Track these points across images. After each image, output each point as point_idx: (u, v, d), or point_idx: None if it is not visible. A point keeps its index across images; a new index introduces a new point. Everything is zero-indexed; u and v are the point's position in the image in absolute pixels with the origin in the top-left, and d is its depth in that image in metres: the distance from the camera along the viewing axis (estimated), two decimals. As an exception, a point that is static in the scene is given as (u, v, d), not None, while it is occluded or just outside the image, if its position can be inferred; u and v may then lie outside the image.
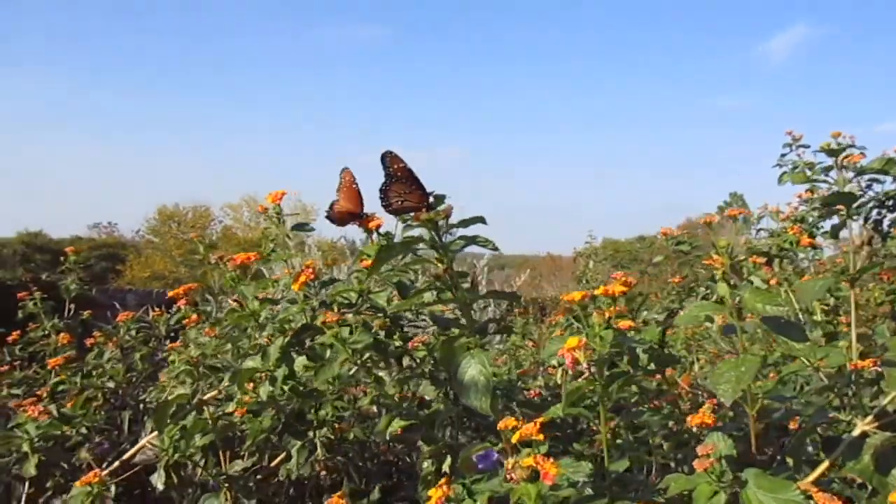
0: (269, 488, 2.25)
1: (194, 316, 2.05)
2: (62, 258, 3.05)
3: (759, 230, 3.65)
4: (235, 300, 1.35)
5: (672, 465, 1.34)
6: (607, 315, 0.93)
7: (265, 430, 1.72)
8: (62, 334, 2.73)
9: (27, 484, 1.53)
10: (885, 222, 2.20)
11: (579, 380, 0.97)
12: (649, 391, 1.32)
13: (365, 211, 1.28)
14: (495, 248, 1.02)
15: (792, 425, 1.33)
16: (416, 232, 1.05)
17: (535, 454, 0.92)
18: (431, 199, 1.07)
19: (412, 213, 1.08)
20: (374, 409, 2.32)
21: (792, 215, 2.84)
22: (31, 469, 1.43)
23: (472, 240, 1.01)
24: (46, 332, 2.77)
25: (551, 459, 0.78)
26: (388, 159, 1.12)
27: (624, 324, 1.10)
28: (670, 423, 1.22)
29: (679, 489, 0.98)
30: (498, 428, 0.96)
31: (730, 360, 0.92)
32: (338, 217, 1.32)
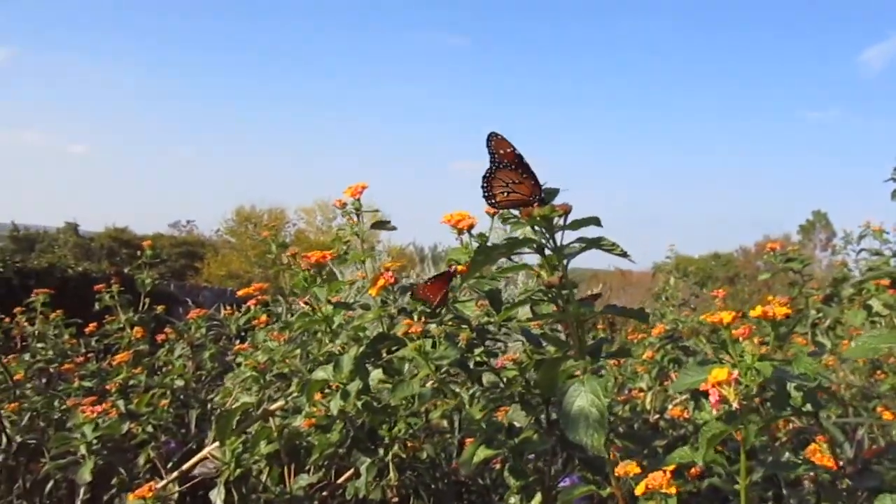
0: (332, 501, 2.13)
1: (264, 317, 1.95)
2: (139, 252, 3.04)
3: (860, 250, 3.32)
4: (307, 303, 1.22)
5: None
6: (758, 342, 0.75)
7: (333, 443, 1.59)
8: (136, 328, 2.70)
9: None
10: None
11: (718, 419, 0.79)
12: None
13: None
14: (624, 254, 0.84)
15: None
16: (520, 232, 0.88)
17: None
18: (543, 194, 0.90)
19: (520, 209, 0.91)
20: (445, 423, 2.16)
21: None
22: (86, 474, 1.34)
23: (596, 242, 0.84)
24: (122, 326, 2.74)
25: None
26: (493, 142, 0.94)
27: (763, 349, 0.91)
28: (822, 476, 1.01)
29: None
30: (616, 473, 0.79)
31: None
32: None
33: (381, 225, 1.30)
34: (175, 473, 1.35)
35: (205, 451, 1.33)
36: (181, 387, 2.36)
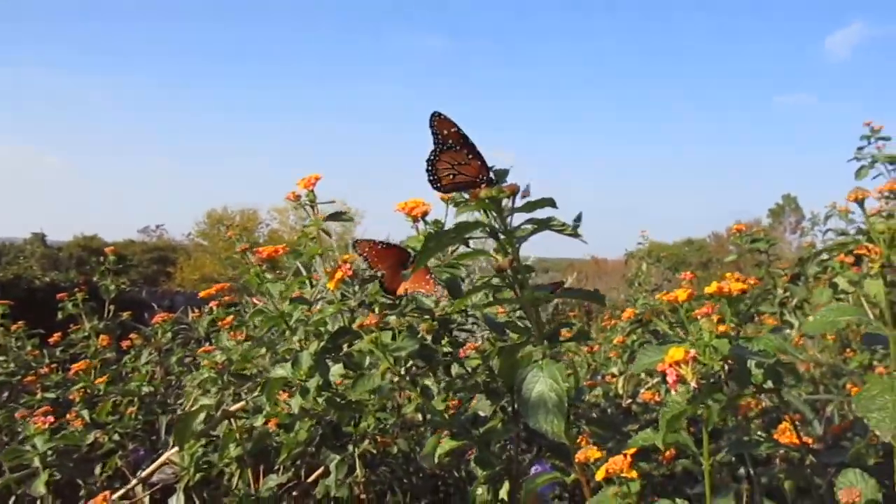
0: (305, 500, 2.09)
1: (229, 318, 1.91)
2: (101, 258, 2.96)
3: (826, 230, 3.35)
4: (260, 300, 1.18)
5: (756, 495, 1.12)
6: (717, 320, 0.73)
7: (301, 442, 1.55)
8: (102, 336, 2.63)
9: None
10: None
11: (679, 398, 0.77)
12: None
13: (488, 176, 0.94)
14: (575, 234, 0.82)
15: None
16: (471, 216, 0.85)
17: (626, 495, 0.72)
18: (492, 175, 0.87)
19: (468, 192, 0.88)
20: (419, 416, 2.14)
21: (883, 210, 2.57)
22: (40, 487, 1.29)
23: (546, 223, 0.81)
24: (87, 334, 2.67)
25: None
26: (437, 122, 0.89)
27: (724, 328, 0.89)
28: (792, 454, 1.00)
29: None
30: (577, 460, 0.77)
31: (881, 381, 0.70)
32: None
33: (337, 216, 1.27)
34: (134, 482, 1.30)
35: (164, 457, 1.29)
36: (149, 393, 2.30)
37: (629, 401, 2.25)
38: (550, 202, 0.87)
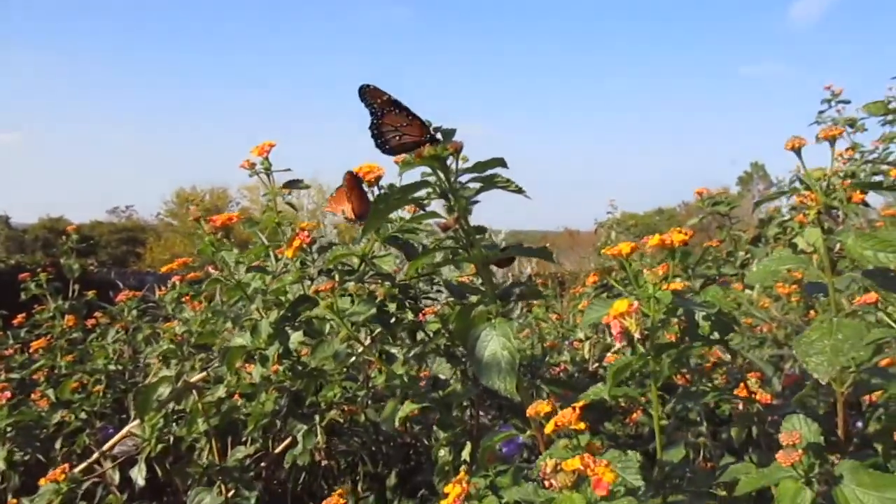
0: (280, 472, 2.10)
1: (189, 305, 1.88)
2: (64, 237, 2.90)
3: (790, 196, 3.39)
4: (215, 268, 1.17)
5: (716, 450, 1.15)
6: (661, 273, 0.74)
7: (267, 414, 1.55)
8: (68, 316, 2.58)
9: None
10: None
11: (625, 353, 0.78)
12: (698, 368, 1.12)
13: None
14: (520, 190, 0.82)
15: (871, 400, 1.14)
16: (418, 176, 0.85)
17: (576, 447, 0.73)
18: (438, 135, 0.87)
19: (414, 152, 0.88)
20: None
21: (839, 171, 2.61)
22: (-1, 462, 1.27)
23: (490, 181, 0.81)
24: (52, 315, 2.62)
25: (601, 460, 0.59)
26: (368, 94, 0.90)
27: (676, 285, 0.91)
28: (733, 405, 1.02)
29: (753, 486, 0.78)
30: (528, 414, 0.78)
31: (821, 327, 0.72)
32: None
33: (294, 184, 1.25)
34: (95, 455, 1.29)
35: (125, 430, 1.28)
36: (116, 371, 2.28)
37: (595, 365, 2.28)
38: (501, 162, 0.87)
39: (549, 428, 0.75)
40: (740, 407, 0.96)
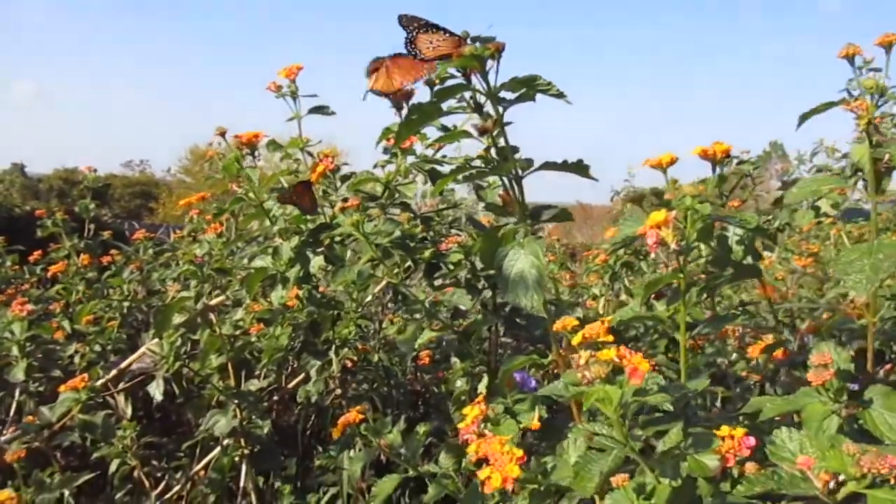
0: (290, 414, 2.12)
1: (209, 228, 1.88)
2: (81, 177, 2.90)
3: (812, 168, 3.34)
4: (240, 185, 1.16)
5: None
6: (700, 189, 0.72)
7: (281, 348, 1.56)
8: (83, 255, 2.59)
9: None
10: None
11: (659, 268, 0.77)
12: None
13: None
14: (561, 94, 0.79)
15: None
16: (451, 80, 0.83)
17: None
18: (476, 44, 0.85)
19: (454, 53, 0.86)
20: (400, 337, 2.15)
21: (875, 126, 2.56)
22: (19, 374, 1.28)
23: (532, 84, 0.79)
24: (67, 253, 2.63)
25: (640, 352, 0.58)
26: (405, 20, 0.91)
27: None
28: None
29: (778, 411, 0.78)
30: (554, 329, 0.77)
31: (860, 247, 0.70)
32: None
33: (320, 110, 1.24)
34: (114, 371, 1.30)
35: (143, 348, 1.29)
36: (130, 309, 2.29)
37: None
38: (537, 80, 0.85)
39: (576, 340, 0.74)
40: (770, 339, 0.95)
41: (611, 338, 0.73)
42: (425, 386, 2.28)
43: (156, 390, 1.25)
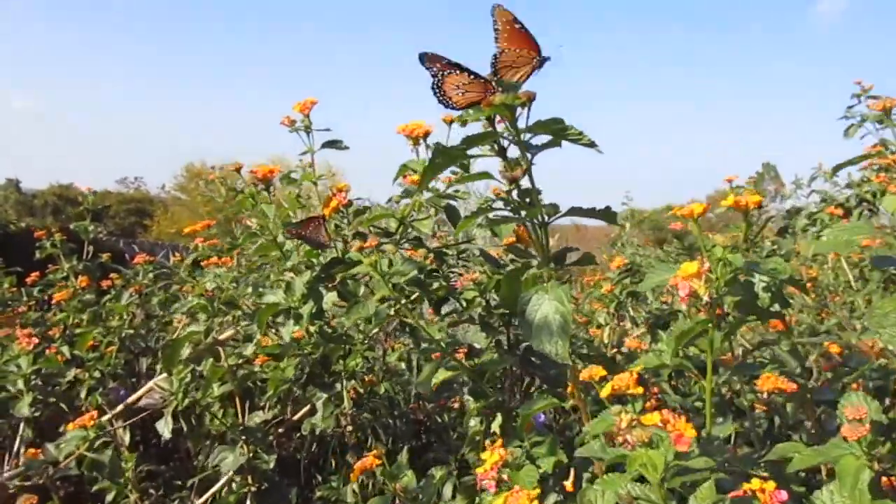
0: (291, 443, 2.09)
1: (214, 258, 1.86)
2: (80, 198, 2.89)
3: (810, 192, 3.36)
4: (255, 221, 1.15)
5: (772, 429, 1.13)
6: (732, 238, 0.71)
7: (288, 379, 1.53)
8: (82, 277, 2.57)
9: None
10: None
11: (686, 317, 0.76)
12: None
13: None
14: (592, 144, 0.79)
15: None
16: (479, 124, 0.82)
17: (633, 412, 0.71)
18: (500, 90, 0.84)
19: (483, 101, 0.85)
20: (403, 365, 2.13)
21: (873, 165, 2.57)
22: (24, 409, 1.26)
23: (562, 132, 0.78)
24: (65, 275, 2.60)
25: (684, 417, 0.57)
26: (428, 59, 0.89)
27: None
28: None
29: (808, 463, 0.76)
30: (581, 378, 0.76)
31: (893, 299, 0.70)
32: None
33: (333, 144, 1.23)
34: (120, 406, 1.28)
35: (151, 383, 1.27)
36: (130, 335, 2.26)
37: (614, 350, 2.26)
38: (559, 122, 0.84)
39: (605, 392, 0.73)
40: (795, 388, 0.94)
41: (640, 390, 0.72)
42: (428, 415, 2.26)
43: (164, 428, 1.23)
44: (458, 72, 0.88)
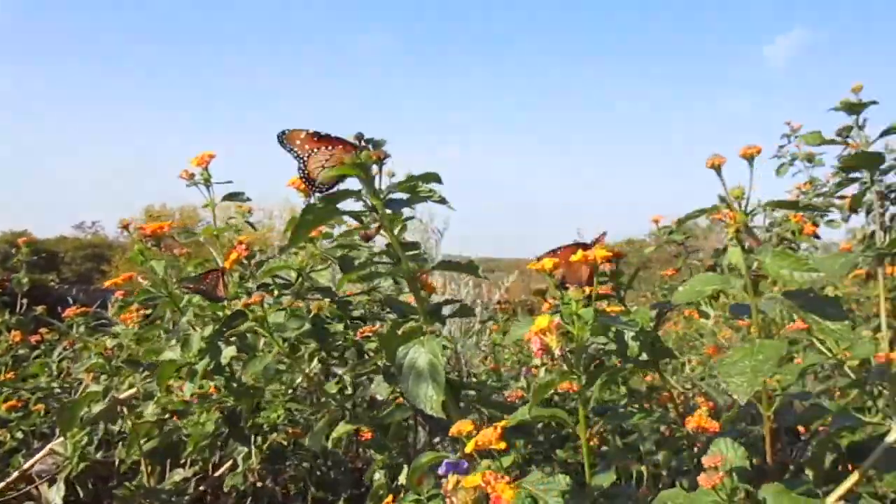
0: (217, 499, 2.03)
1: (133, 309, 1.83)
2: (14, 250, 2.82)
3: (753, 227, 3.45)
4: (145, 277, 1.13)
5: (664, 474, 1.14)
6: (588, 292, 0.73)
7: (207, 434, 1.50)
8: (14, 332, 2.49)
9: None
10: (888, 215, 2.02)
11: (550, 373, 0.76)
12: (638, 392, 1.11)
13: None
14: (443, 201, 0.80)
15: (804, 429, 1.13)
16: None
17: (491, 468, 0.71)
18: (370, 146, 0.84)
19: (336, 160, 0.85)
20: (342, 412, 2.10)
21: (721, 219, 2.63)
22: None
23: (413, 190, 0.79)
24: (-2, 330, 2.51)
25: (507, 478, 0.57)
26: (287, 139, 0.87)
27: (611, 308, 0.90)
28: (662, 428, 1.01)
29: (678, 511, 0.77)
30: (450, 433, 0.75)
31: (743, 348, 0.71)
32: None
33: (235, 197, 1.23)
34: (15, 474, 1.23)
35: (47, 448, 1.22)
36: (60, 390, 2.19)
37: (551, 391, 2.26)
38: (435, 177, 0.85)
39: (469, 447, 0.73)
40: (666, 432, 0.94)
41: (503, 445, 0.72)
42: (367, 463, 2.22)
43: (56, 495, 1.18)
44: (320, 148, 0.87)
